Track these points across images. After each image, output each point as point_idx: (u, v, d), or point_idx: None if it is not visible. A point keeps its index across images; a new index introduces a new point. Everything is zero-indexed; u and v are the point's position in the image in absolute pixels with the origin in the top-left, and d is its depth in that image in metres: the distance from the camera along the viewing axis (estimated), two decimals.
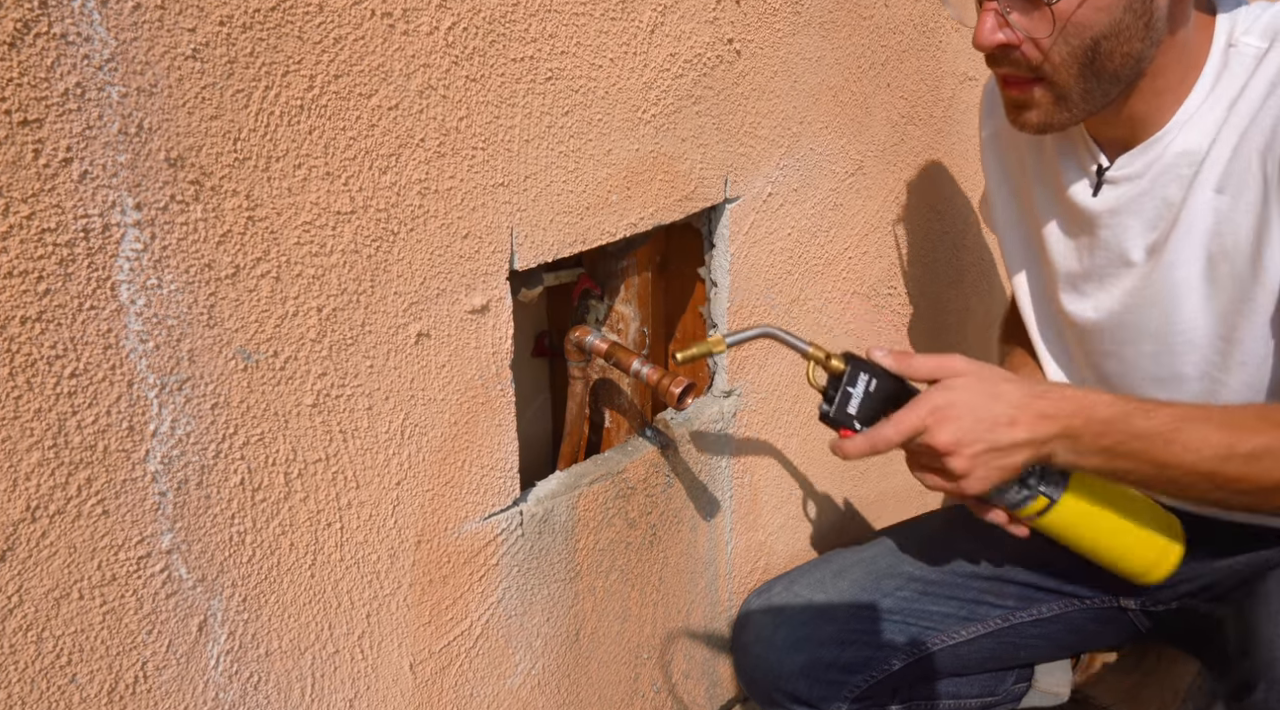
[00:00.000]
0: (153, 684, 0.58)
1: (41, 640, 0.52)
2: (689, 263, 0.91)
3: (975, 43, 0.73)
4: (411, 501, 0.68)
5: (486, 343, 0.70)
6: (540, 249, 0.72)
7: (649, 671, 0.93)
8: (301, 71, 0.56)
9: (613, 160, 0.76)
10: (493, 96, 0.66)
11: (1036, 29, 0.71)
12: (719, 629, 1.00)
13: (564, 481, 0.81)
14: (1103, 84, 0.73)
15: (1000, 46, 0.72)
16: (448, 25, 0.62)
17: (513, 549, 0.76)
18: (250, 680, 0.62)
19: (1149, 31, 0.70)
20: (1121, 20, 0.69)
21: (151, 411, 0.54)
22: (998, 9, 0.71)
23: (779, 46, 0.87)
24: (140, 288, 0.52)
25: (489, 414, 0.72)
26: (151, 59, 0.50)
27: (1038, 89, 0.74)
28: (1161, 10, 0.70)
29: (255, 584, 0.61)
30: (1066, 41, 0.70)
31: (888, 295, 1.12)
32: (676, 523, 0.91)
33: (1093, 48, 0.70)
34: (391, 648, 0.70)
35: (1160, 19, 0.71)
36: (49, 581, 0.52)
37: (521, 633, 0.79)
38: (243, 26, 0.53)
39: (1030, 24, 0.71)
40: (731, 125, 0.85)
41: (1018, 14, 0.71)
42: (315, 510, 0.63)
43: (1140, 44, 0.71)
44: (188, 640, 0.59)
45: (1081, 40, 0.70)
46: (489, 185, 0.67)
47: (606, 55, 0.73)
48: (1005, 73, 0.75)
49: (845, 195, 1.01)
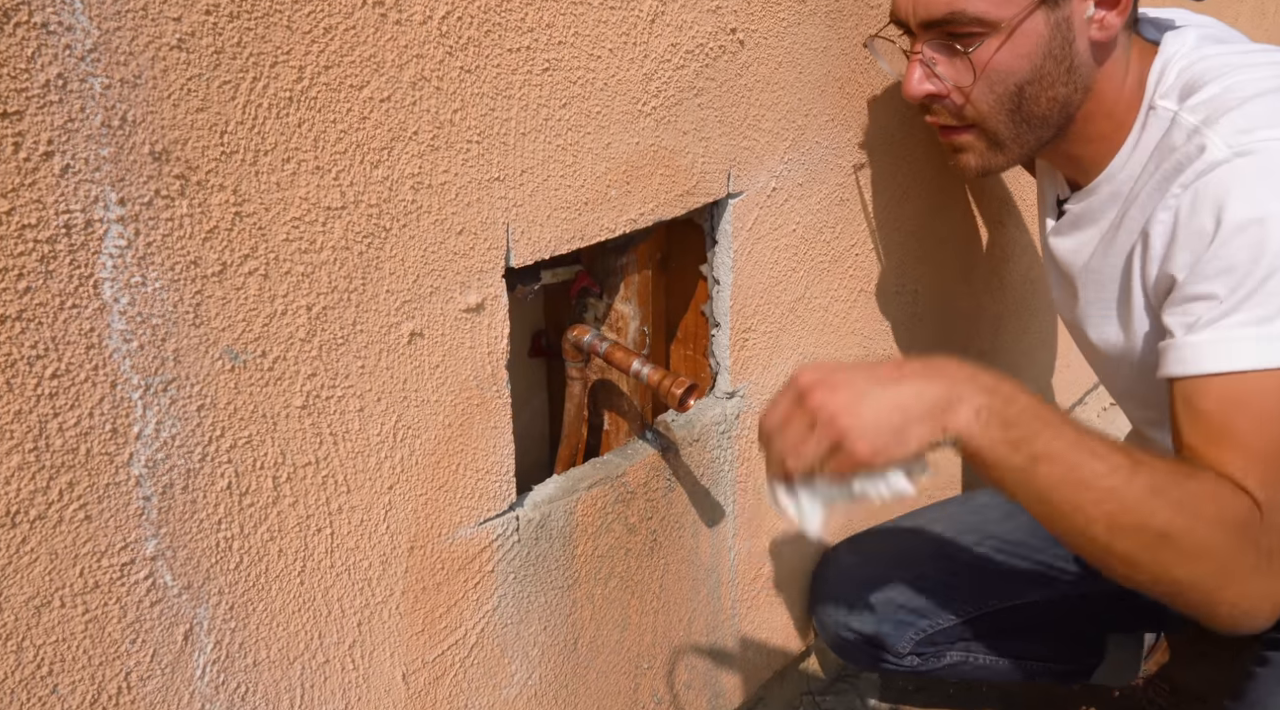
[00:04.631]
0: (136, 695, 0.56)
1: (22, 649, 0.52)
2: (691, 260, 0.90)
3: (904, 93, 0.78)
4: (404, 506, 0.67)
5: (481, 342, 0.69)
6: (537, 245, 0.71)
7: (649, 682, 0.91)
8: (290, 62, 0.55)
9: (612, 154, 0.74)
10: (488, 88, 0.65)
11: (960, 78, 0.75)
12: (722, 638, 0.99)
13: (561, 486, 0.80)
14: (1033, 128, 0.77)
15: (928, 96, 0.77)
16: (441, 14, 0.61)
17: (509, 555, 0.75)
18: (238, 691, 0.61)
19: (1071, 76, 0.74)
20: (1043, 66, 0.73)
21: (135, 413, 0.53)
22: (923, 59, 0.76)
23: (783, 36, 0.86)
24: (124, 285, 0.52)
25: (484, 416, 0.71)
26: (135, 49, 0.49)
27: (970, 135, 0.79)
28: (1083, 55, 0.74)
29: (243, 591, 0.60)
30: (991, 89, 0.75)
31: (895, 293, 1.10)
32: (678, 528, 0.90)
33: (1017, 93, 0.74)
34: (384, 657, 0.69)
35: (1083, 63, 0.75)
36: (29, 589, 0.51)
37: (518, 641, 0.78)
38: (229, 16, 0.52)
39: (954, 73, 0.75)
40: (734, 118, 0.84)
41: (942, 64, 0.76)
42: (305, 515, 0.62)
43: (1065, 88, 0.75)
44: (173, 649, 0.58)
45: (1005, 87, 0.74)
46: (484, 180, 0.66)
47: (605, 46, 0.71)
48: (937, 121, 0.80)
49: (852, 190, 1.00)
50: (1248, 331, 0.64)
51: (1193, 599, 0.63)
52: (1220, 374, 0.65)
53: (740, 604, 1.00)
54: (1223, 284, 0.65)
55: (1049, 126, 0.77)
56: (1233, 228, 0.64)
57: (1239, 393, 0.64)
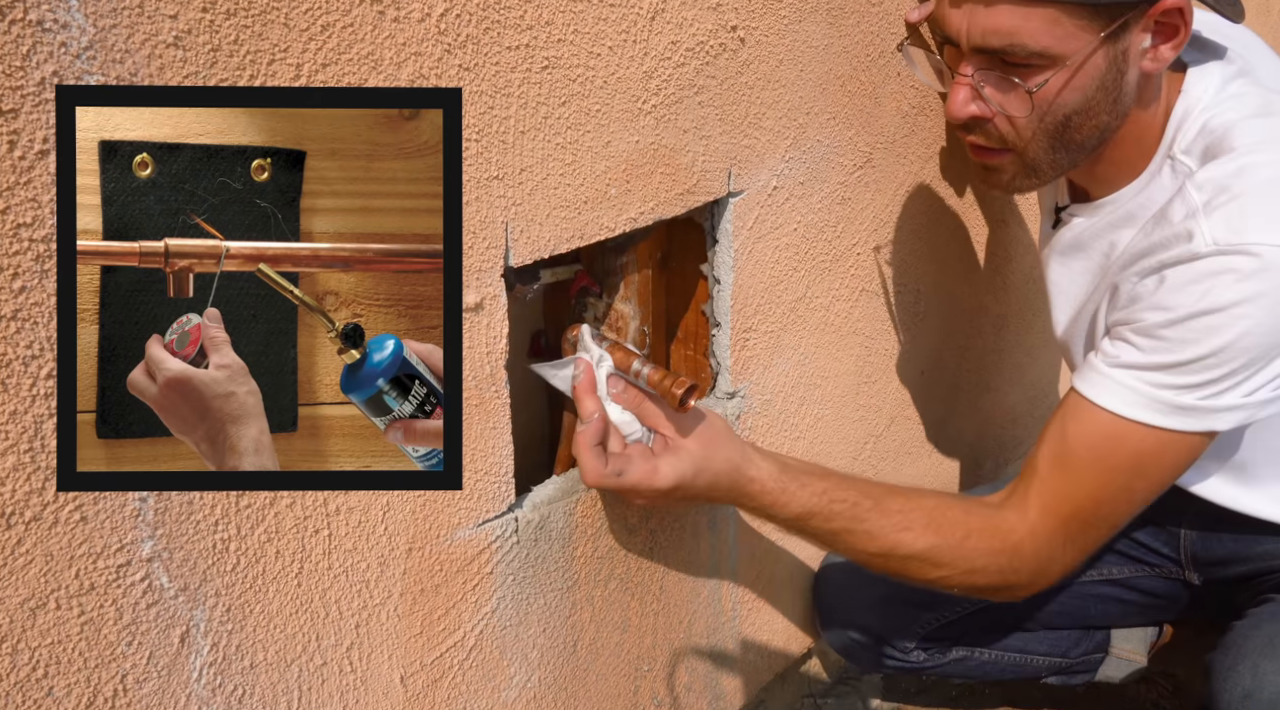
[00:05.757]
0: (132, 697, 0.56)
1: (17, 652, 0.51)
2: (691, 259, 0.90)
3: (947, 113, 0.78)
4: (402, 507, 0.67)
5: (480, 342, 0.69)
6: (536, 245, 0.71)
7: (649, 684, 0.91)
8: (288, 60, 0.55)
9: (611, 152, 0.74)
10: (486, 86, 0.64)
11: (1011, 107, 0.74)
12: (722, 640, 0.98)
13: (561, 487, 0.79)
14: (1070, 153, 0.77)
15: (973, 118, 0.76)
16: (440, 12, 0.61)
17: (508, 557, 0.75)
18: (235, 694, 0.61)
19: (1116, 105, 0.75)
20: (1094, 98, 0.73)
21: None
22: (971, 84, 0.74)
23: (785, 34, 0.86)
24: None
25: (483, 417, 0.70)
26: (131, 47, 0.49)
27: (1007, 157, 0.78)
28: (1130, 86, 0.74)
29: (240, 593, 0.60)
30: (1040, 119, 0.74)
31: (898, 292, 1.10)
32: (678, 530, 0.89)
33: (1064, 124, 0.75)
34: (381, 659, 0.68)
35: (1129, 93, 0.75)
36: (24, 591, 0.51)
37: (517, 644, 0.77)
38: (226, 13, 0.52)
39: (1005, 101, 0.74)
40: (735, 116, 0.83)
41: (991, 90, 0.74)
42: (302, 516, 0.62)
43: (1108, 117, 0.75)
44: (169, 652, 0.57)
45: (1055, 118, 0.74)
46: (483, 178, 0.66)
47: (605, 43, 0.71)
48: (975, 141, 0.79)
49: (854, 188, 0.99)
50: (1149, 389, 0.71)
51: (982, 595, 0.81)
52: (1105, 409, 0.72)
53: (741, 606, 0.99)
54: (1154, 344, 0.71)
55: (1085, 152, 0.78)
56: (1189, 312, 0.69)
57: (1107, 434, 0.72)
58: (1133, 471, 0.73)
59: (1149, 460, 0.73)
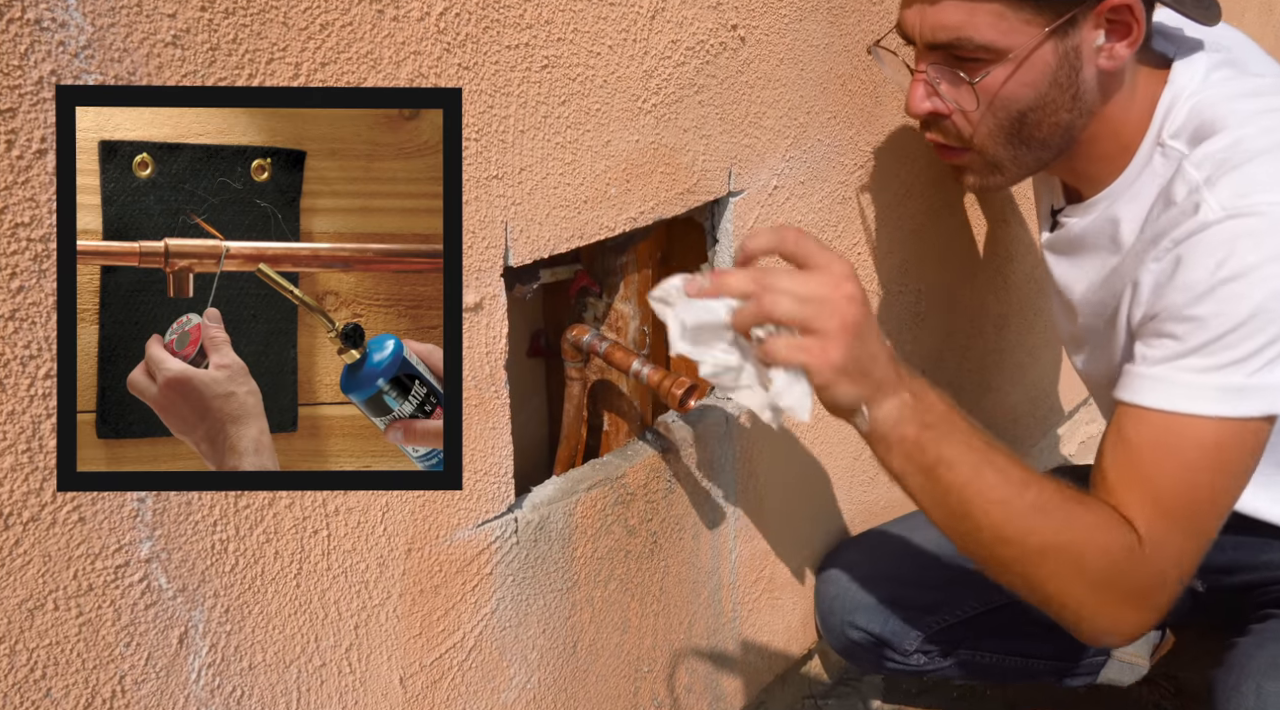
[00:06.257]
0: (131, 698, 0.56)
1: (15, 653, 0.51)
2: (691, 258, 0.90)
3: (906, 110, 0.78)
4: (401, 507, 0.66)
5: (480, 342, 0.69)
6: (536, 244, 0.70)
7: (649, 685, 0.91)
8: (287, 59, 0.55)
9: (611, 152, 0.74)
10: (486, 85, 0.64)
11: (964, 101, 0.75)
12: (722, 641, 0.98)
13: (561, 487, 0.79)
14: (1033, 150, 0.77)
15: (931, 114, 0.77)
16: (439, 11, 0.61)
17: (507, 557, 0.74)
18: (233, 695, 0.61)
19: (1076, 103, 0.74)
20: (1047, 94, 0.73)
21: None
22: (927, 79, 0.75)
23: (785, 33, 0.86)
24: None
25: (482, 417, 0.70)
26: (130, 46, 0.49)
27: (969, 156, 0.78)
28: (1089, 83, 0.74)
29: (238, 594, 0.59)
30: (993, 115, 0.74)
31: (899, 292, 1.09)
32: (678, 530, 0.89)
33: (1019, 120, 0.74)
34: (381, 660, 0.68)
35: (1088, 90, 0.74)
36: (22, 592, 0.51)
37: (516, 645, 0.77)
38: (225, 12, 0.52)
39: (958, 95, 0.75)
40: (735, 115, 0.83)
41: (946, 85, 0.75)
42: (301, 517, 0.61)
43: (1068, 115, 0.74)
44: (168, 653, 0.57)
45: (1008, 114, 0.74)
46: (482, 178, 0.66)
47: (605, 42, 0.71)
48: (936, 139, 0.79)
49: (854, 188, 0.99)
50: (1192, 377, 0.67)
51: (1060, 613, 0.69)
52: (1154, 409, 0.69)
53: (741, 607, 0.99)
54: (1186, 328, 0.68)
55: (1049, 149, 0.77)
56: (1212, 282, 0.67)
57: (1164, 432, 0.68)
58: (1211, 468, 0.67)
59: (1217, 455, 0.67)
